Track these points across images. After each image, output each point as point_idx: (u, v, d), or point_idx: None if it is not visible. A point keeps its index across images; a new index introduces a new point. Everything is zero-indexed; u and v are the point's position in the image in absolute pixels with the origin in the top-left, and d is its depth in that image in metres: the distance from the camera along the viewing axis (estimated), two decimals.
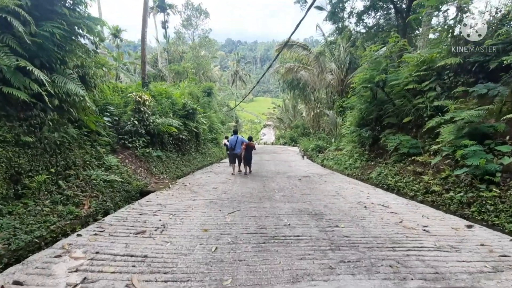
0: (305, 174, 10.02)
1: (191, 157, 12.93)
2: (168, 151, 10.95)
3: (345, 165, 11.76)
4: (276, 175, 9.80)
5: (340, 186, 7.70)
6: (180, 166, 10.64)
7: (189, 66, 23.01)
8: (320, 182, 8.41)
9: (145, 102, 9.28)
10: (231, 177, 9.03)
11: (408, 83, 8.41)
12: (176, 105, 12.73)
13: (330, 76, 19.53)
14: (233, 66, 68.28)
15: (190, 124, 13.17)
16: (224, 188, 7.08)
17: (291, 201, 5.71)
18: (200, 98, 19.06)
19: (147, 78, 12.96)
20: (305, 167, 12.78)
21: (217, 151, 18.14)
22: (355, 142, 12.01)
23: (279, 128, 50.26)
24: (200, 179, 8.68)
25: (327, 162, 14.24)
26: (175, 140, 11.85)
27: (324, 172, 10.85)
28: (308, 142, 22.09)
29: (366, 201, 5.85)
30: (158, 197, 5.92)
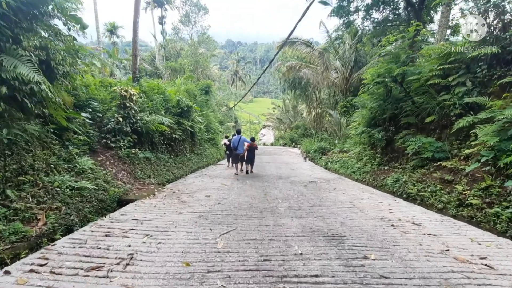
0: (310, 179, 8.97)
1: (185, 158, 11.87)
2: (158, 152, 9.90)
3: (352, 168, 10.72)
4: (278, 179, 8.75)
5: (353, 195, 6.65)
6: (172, 169, 9.59)
7: (187, 63, 21.94)
8: (329, 189, 7.36)
9: (131, 97, 8.23)
10: (228, 182, 7.97)
11: (430, 78, 7.39)
12: (170, 102, 11.68)
13: (335, 74, 18.52)
14: (233, 65, 67.27)
15: (184, 123, 12.12)
16: (218, 197, 6.02)
17: (299, 216, 4.65)
18: (197, 96, 18.03)
19: (138, 73, 11.91)
20: (308, 170, 11.73)
21: (214, 152, 17.09)
22: (364, 144, 10.97)
23: (279, 129, 49.25)
24: (192, 184, 7.62)
25: (331, 165, 13.21)
26: (167, 140, 10.79)
27: (331, 177, 9.80)
28: (310, 143, 21.06)
29: (390, 216, 4.80)
30: (137, 208, 4.86)
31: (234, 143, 10.28)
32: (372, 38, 15.76)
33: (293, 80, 26.04)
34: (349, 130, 18.38)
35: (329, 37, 19.60)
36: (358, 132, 11.75)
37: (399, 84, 8.01)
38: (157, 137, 9.86)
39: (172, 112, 11.59)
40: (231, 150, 11.44)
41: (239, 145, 10.21)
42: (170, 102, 11.68)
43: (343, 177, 10.04)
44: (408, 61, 7.84)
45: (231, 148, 11.11)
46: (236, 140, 10.25)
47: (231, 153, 12.02)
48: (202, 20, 26.97)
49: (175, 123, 11.62)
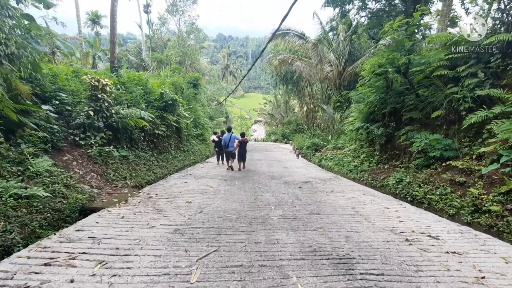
0: (305, 179, 8.26)
1: (170, 156, 10.99)
2: (139, 150, 9.00)
3: (348, 167, 10.09)
4: (270, 180, 8.00)
5: (354, 198, 5.96)
6: (154, 168, 8.71)
7: (173, 54, 20.80)
8: (326, 191, 6.66)
9: (104, 88, 7.27)
10: (214, 184, 7.17)
11: (435, 69, 6.73)
12: (152, 95, 10.72)
13: (329, 67, 17.81)
14: (224, 59, 65.88)
15: (169, 118, 11.20)
16: (201, 202, 5.22)
17: (296, 228, 3.91)
18: (184, 90, 17.04)
19: (117, 62, 10.87)
20: (302, 168, 11.03)
21: (203, 149, 16.22)
22: (361, 141, 10.33)
23: (270, 124, 48.61)
24: (174, 186, 6.78)
25: (325, 162, 12.57)
26: (149, 136, 9.88)
27: (327, 176, 9.13)
28: (303, 140, 20.41)
29: (401, 226, 4.12)
30: (99, 221, 4.01)
31: (225, 141, 10.20)
32: (367, 30, 15.07)
33: (285, 74, 25.21)
34: (343, 126, 17.84)
35: (323, 29, 18.84)
36: (354, 128, 11.11)
37: (403, 75, 7.33)
38: (137, 133, 8.94)
39: (154, 106, 10.65)
40: (220, 147, 11.26)
41: (230, 143, 10.12)
42: (153, 95, 10.73)
43: (340, 176, 9.38)
44: (413, 49, 7.16)
45: (220, 145, 11.06)
46: (227, 138, 10.16)
47: (220, 150, 11.74)
48: (190, 10, 25.77)
49: (158, 117, 10.69)
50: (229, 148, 10.18)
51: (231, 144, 10.12)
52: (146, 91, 10.53)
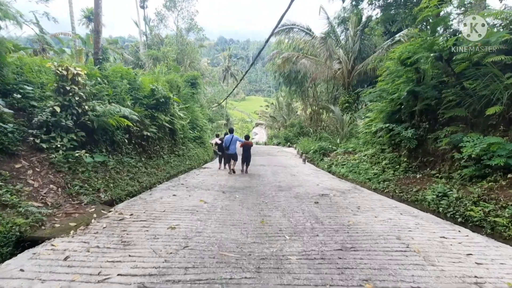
0: (319, 191, 6.85)
1: (162, 161, 9.62)
2: (122, 154, 7.64)
3: (366, 174, 8.69)
4: (278, 191, 6.60)
5: (391, 220, 4.54)
6: (139, 176, 7.35)
7: (170, 51, 19.50)
8: (351, 208, 5.26)
9: (75, 79, 5.92)
10: (209, 198, 5.76)
11: (486, 55, 5.37)
12: (141, 91, 9.37)
13: (337, 65, 16.47)
14: (224, 61, 64.72)
15: (160, 118, 9.85)
16: (189, 228, 3.82)
17: (327, 280, 2.51)
18: (181, 89, 15.72)
19: (102, 53, 9.54)
20: (313, 176, 9.62)
21: (201, 153, 14.85)
22: (381, 144, 8.94)
23: (272, 127, 47.27)
24: (158, 201, 5.38)
25: (337, 168, 11.16)
26: (136, 138, 8.53)
27: (344, 187, 7.72)
28: (308, 143, 19.02)
29: (486, 275, 2.71)
30: (27, 266, 2.63)
31: (226, 142, 9.78)
32: (382, 22, 13.75)
33: (289, 73, 23.89)
34: (353, 128, 16.48)
35: (330, 24, 17.51)
36: (371, 130, 9.74)
37: (446, 63, 5.95)
38: (120, 135, 7.58)
39: (143, 103, 9.30)
40: (223, 150, 10.61)
41: (231, 145, 9.68)
42: (142, 91, 9.39)
43: (359, 187, 7.96)
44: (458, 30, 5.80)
45: (223, 148, 10.46)
46: (228, 140, 9.73)
47: (223, 154, 10.99)
48: (189, 6, 24.53)
49: (147, 117, 9.35)
50: (230, 151, 9.73)
51: (232, 146, 9.70)
52: (134, 87, 9.19)
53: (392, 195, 6.77)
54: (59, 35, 19.96)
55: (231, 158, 9.98)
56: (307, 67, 17.52)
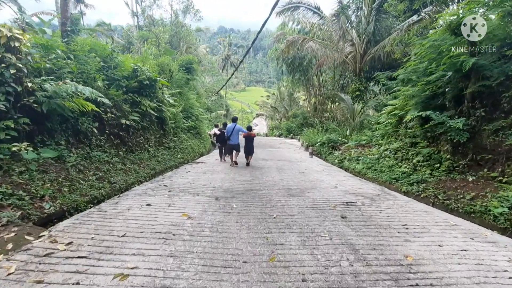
0: (341, 196, 5.30)
1: (147, 155, 8.08)
2: (91, 147, 6.09)
3: (392, 173, 7.18)
4: (287, 197, 5.06)
5: (470, 254, 2.99)
6: (112, 175, 5.83)
7: (162, 31, 17.66)
8: (397, 227, 3.72)
9: (11, 45, 4.28)
10: (195, 210, 4.20)
11: None
12: (119, 71, 7.73)
13: (349, 47, 14.70)
14: (224, 49, 62.35)
15: (144, 103, 8.24)
16: (150, 279, 2.29)
17: None
18: (174, 73, 14.05)
19: (72, 24, 7.83)
20: (326, 174, 8.08)
21: (196, 144, 13.29)
22: (412, 137, 7.34)
23: (273, 118, 45.63)
24: (121, 217, 3.82)
25: (350, 164, 9.63)
26: (112, 127, 6.96)
27: (370, 190, 6.16)
28: (314, 135, 17.46)
29: None
30: None
31: (228, 132, 9.05)
32: None
33: (293, 60, 22.10)
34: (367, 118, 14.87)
35: (340, 2, 15.64)
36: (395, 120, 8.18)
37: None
38: (87, 123, 5.99)
39: (122, 86, 7.68)
40: (223, 141, 10.00)
41: (232, 135, 8.93)
42: (120, 70, 7.74)
43: (386, 189, 6.42)
44: None
45: (223, 139, 9.90)
46: (230, 129, 8.97)
47: (223, 145, 10.35)
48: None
49: (127, 102, 7.75)
50: (231, 141, 9.02)
51: (233, 136, 8.95)
52: (110, 65, 7.55)
53: (433, 202, 5.25)
54: (41, 14, 18.11)
55: (233, 149, 9.26)
56: (314, 50, 15.74)
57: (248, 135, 9.20)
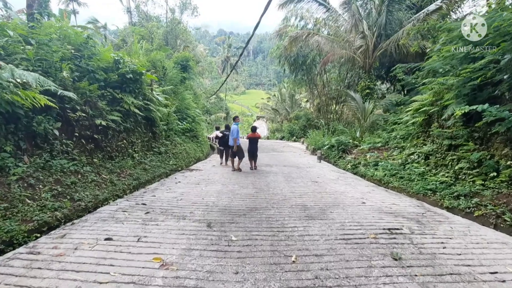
0: (376, 219, 3.97)
1: (130, 162, 6.80)
2: (53, 154, 4.82)
3: (425, 182, 5.91)
4: (306, 222, 3.73)
5: None
6: (78, 190, 4.58)
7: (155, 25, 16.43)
8: (485, 277, 2.41)
9: None
10: (176, 248, 2.89)
11: None
12: (94, 61, 6.43)
13: (360, 40, 13.43)
14: (224, 51, 61.32)
15: (127, 101, 6.95)
16: None
17: None
18: (168, 71, 12.81)
19: (39, 6, 6.59)
20: (343, 183, 6.75)
21: (192, 149, 12.01)
22: (451, 138, 6.01)
23: (274, 121, 44.41)
24: (59, 263, 2.51)
25: (367, 170, 8.34)
26: (84, 129, 5.68)
27: (408, 206, 4.82)
28: (320, 137, 16.18)
29: None
30: None
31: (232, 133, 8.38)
32: None
33: (296, 58, 20.82)
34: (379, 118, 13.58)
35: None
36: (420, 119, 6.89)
37: None
38: (45, 124, 4.69)
39: (99, 79, 6.40)
40: (225, 144, 9.48)
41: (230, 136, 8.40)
42: (96, 61, 6.45)
43: (425, 204, 5.09)
44: None
45: (224, 143, 9.56)
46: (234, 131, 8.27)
47: (225, 148, 9.86)
48: None
49: (105, 99, 6.46)
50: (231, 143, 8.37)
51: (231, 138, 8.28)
52: (84, 54, 6.28)
53: (494, 224, 3.94)
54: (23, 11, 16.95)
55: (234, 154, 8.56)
56: (321, 45, 14.46)
57: (252, 136, 8.75)
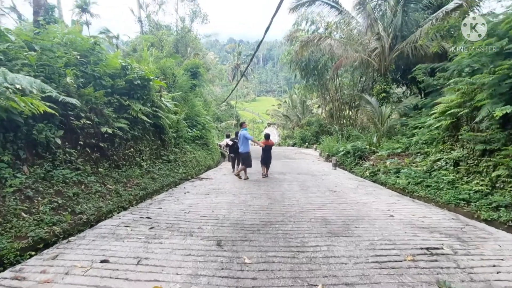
0: (410, 236, 3.44)
1: (138, 171, 6.53)
2: (55, 164, 4.57)
3: (456, 191, 5.40)
4: (328, 239, 3.25)
5: None
6: (79, 203, 4.28)
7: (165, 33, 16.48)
8: None
9: None
10: (181, 272, 2.50)
11: None
12: (100, 67, 6.23)
13: (375, 42, 12.94)
14: (234, 59, 61.71)
15: (135, 108, 6.71)
16: None
17: None
18: (177, 77, 12.68)
19: (45, 13, 6.51)
20: (364, 193, 6.22)
21: (202, 156, 11.70)
22: (485, 143, 5.40)
23: (285, 127, 43.95)
24: None
25: (387, 178, 7.81)
26: (89, 137, 5.45)
27: (441, 219, 4.25)
28: (334, 143, 15.61)
29: None
30: None
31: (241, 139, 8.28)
32: None
33: (307, 63, 20.46)
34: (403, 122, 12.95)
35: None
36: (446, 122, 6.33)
37: None
38: (46, 131, 4.45)
39: (106, 86, 6.19)
40: (236, 152, 9.20)
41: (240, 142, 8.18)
42: (102, 67, 6.25)
43: (460, 216, 4.52)
44: None
45: (235, 150, 9.34)
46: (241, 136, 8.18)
47: (236, 156, 9.67)
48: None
49: (111, 105, 6.24)
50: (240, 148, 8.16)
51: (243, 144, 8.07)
52: (90, 60, 6.09)
53: None
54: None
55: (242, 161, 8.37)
56: (333, 48, 14.04)
57: (266, 144, 8.57)
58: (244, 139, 8.02)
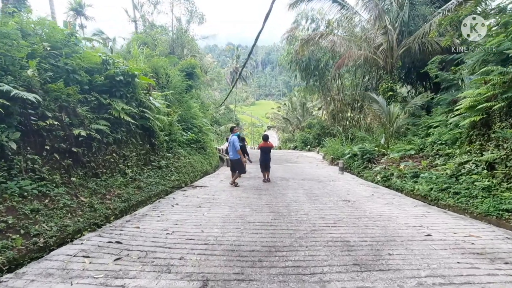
0: (461, 267, 2.60)
1: (121, 179, 5.67)
2: (11, 173, 3.69)
3: (497, 201, 4.55)
4: (357, 277, 2.41)
5: None
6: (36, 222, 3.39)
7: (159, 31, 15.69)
8: None
9: None
10: None
11: None
12: (74, 60, 5.38)
13: (381, 36, 12.15)
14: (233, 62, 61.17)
15: (116, 107, 5.85)
16: None
17: None
18: (171, 78, 11.87)
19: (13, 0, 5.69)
20: (384, 203, 5.34)
21: (198, 161, 10.83)
22: None
23: (285, 130, 43.15)
24: None
25: (404, 184, 6.99)
26: (59, 141, 4.59)
27: (494, 240, 3.39)
28: (338, 146, 14.77)
29: None
30: None
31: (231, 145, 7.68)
32: None
33: (308, 63, 19.70)
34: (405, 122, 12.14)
35: None
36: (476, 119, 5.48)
37: None
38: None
39: (82, 82, 5.34)
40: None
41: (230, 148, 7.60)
42: (75, 59, 5.40)
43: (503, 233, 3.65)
44: None
45: None
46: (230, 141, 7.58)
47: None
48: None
49: (89, 104, 5.40)
50: (230, 156, 7.67)
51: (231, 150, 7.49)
52: (62, 52, 5.25)
53: None
54: None
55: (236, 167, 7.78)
56: (335, 46, 13.25)
57: (264, 146, 8.18)
58: (233, 146, 7.34)
